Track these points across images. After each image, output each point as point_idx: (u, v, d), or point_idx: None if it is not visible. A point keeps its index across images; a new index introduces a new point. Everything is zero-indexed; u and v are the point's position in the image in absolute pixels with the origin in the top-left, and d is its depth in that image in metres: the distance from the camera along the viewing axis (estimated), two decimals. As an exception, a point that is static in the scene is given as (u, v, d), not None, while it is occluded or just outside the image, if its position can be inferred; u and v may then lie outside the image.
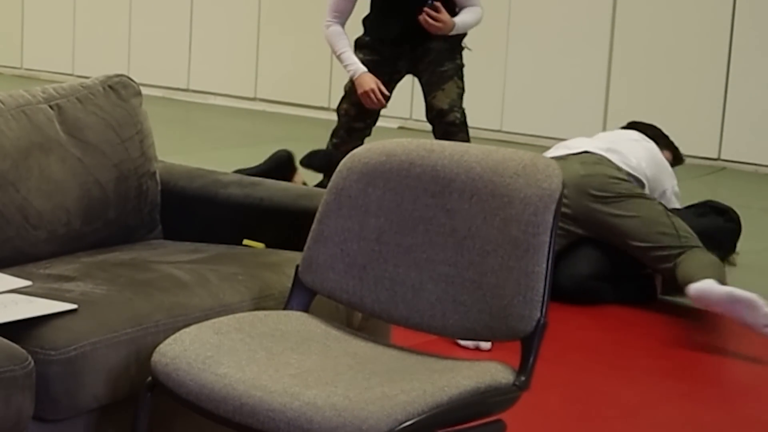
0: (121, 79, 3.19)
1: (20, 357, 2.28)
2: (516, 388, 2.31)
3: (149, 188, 3.15)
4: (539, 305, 2.33)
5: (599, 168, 4.49)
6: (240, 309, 2.64)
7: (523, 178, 2.40)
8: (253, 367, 2.25)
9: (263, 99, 9.33)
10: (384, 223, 2.54)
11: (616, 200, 4.42)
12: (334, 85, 9.00)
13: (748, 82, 7.38)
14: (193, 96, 9.68)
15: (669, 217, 4.41)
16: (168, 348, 2.31)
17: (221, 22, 9.48)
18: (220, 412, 2.19)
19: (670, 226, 4.36)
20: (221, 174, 3.31)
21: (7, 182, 2.83)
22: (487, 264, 2.40)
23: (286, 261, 2.86)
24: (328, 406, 2.11)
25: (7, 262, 2.79)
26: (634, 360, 3.97)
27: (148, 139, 3.17)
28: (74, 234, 2.97)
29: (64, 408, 2.38)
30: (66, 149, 2.98)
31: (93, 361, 2.39)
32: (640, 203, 4.43)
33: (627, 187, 4.47)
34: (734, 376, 3.90)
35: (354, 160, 2.60)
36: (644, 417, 3.49)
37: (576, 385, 3.74)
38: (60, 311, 2.42)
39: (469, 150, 2.53)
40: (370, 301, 2.55)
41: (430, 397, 2.15)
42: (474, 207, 2.45)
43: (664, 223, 4.37)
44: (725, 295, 3.89)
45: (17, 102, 2.95)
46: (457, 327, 2.45)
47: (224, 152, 7.43)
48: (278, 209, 3.14)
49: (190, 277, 2.72)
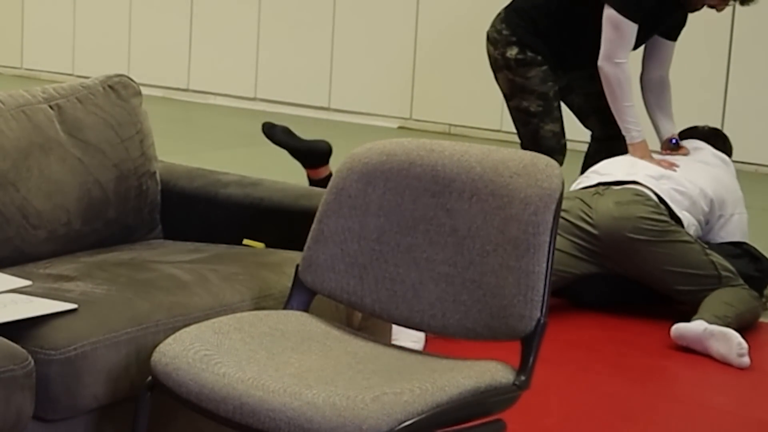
0: (121, 79, 3.19)
1: (20, 357, 2.28)
2: (516, 388, 2.31)
3: (149, 188, 3.15)
4: (539, 305, 2.33)
5: (633, 209, 4.26)
6: (240, 309, 2.64)
7: (523, 177, 2.40)
8: (253, 366, 2.25)
9: (263, 99, 9.34)
10: (384, 222, 2.54)
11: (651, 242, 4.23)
12: (334, 85, 9.01)
13: (748, 82, 7.39)
14: (193, 96, 9.68)
15: (708, 255, 4.26)
16: (168, 348, 2.31)
17: (221, 22, 9.48)
18: (220, 411, 2.19)
19: (710, 266, 4.23)
20: (221, 174, 3.31)
21: (7, 182, 2.83)
22: (487, 264, 2.40)
23: (286, 261, 2.87)
24: (328, 406, 2.11)
25: (7, 261, 2.79)
26: (634, 360, 3.96)
27: (148, 139, 3.17)
28: (74, 234, 2.97)
29: (64, 408, 2.38)
30: (66, 149, 2.98)
31: (93, 361, 2.39)
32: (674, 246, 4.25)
33: (663, 228, 4.25)
34: (734, 376, 3.89)
35: (354, 160, 2.60)
36: (644, 417, 3.49)
37: (576, 385, 3.74)
38: (60, 311, 2.42)
39: (469, 150, 2.53)
40: (370, 300, 2.55)
41: (430, 396, 2.16)
42: (474, 207, 2.45)
43: (701, 263, 4.23)
44: (700, 333, 3.96)
45: (17, 102, 2.96)
46: (457, 327, 2.45)
47: (224, 152, 7.43)
48: (278, 209, 3.14)
49: (190, 277, 2.72)
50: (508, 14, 4.99)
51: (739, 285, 4.24)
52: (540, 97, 4.92)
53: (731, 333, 3.92)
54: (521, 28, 4.92)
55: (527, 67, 4.92)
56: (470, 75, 5.41)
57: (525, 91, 4.94)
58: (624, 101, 4.76)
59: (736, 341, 3.90)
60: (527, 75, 4.92)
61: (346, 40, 8.90)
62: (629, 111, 4.77)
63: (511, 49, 4.93)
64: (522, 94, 4.95)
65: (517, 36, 4.91)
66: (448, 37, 8.35)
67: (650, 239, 4.23)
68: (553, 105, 4.95)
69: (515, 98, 4.98)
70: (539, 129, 4.94)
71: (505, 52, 4.94)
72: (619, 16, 4.70)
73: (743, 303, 4.19)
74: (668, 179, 4.49)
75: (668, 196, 4.43)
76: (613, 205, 4.30)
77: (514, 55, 4.92)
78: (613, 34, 4.72)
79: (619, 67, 4.73)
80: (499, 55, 4.96)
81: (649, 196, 4.36)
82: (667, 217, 4.32)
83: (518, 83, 4.94)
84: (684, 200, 4.46)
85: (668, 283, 4.26)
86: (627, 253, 4.26)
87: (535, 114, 4.94)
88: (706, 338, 3.94)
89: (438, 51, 8.45)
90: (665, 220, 4.29)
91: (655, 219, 4.27)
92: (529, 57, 4.90)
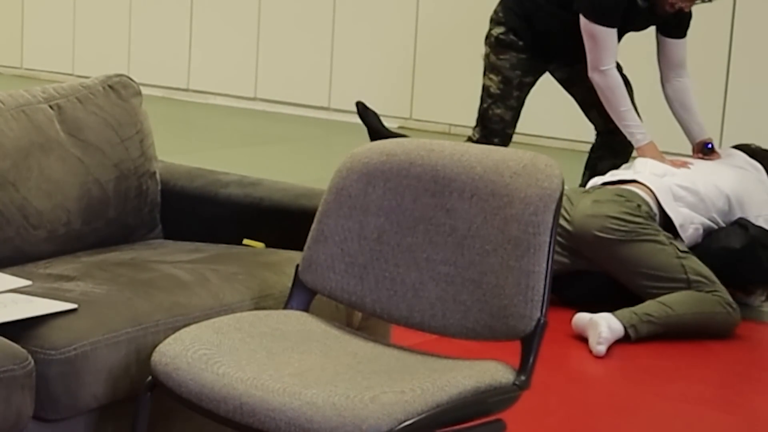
0: (121, 79, 3.19)
1: (20, 357, 2.28)
2: (516, 388, 2.31)
3: (149, 188, 3.16)
4: (539, 305, 2.33)
5: (605, 208, 4.26)
6: (240, 309, 2.65)
7: (524, 177, 2.40)
8: (253, 366, 2.25)
9: (263, 99, 9.33)
10: (384, 222, 2.54)
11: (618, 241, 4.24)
12: (334, 85, 9.00)
13: (748, 82, 7.38)
14: (193, 96, 9.68)
15: (680, 258, 4.23)
16: (168, 347, 2.31)
17: (221, 22, 9.48)
18: (220, 411, 2.19)
19: (679, 269, 4.20)
20: (221, 174, 3.31)
21: (7, 182, 2.83)
22: (487, 264, 2.40)
23: (286, 261, 2.87)
24: (328, 406, 2.11)
25: (7, 261, 2.79)
26: (635, 360, 3.96)
27: (148, 139, 3.17)
28: (74, 234, 2.97)
29: (64, 408, 2.38)
30: (66, 149, 2.98)
31: (93, 361, 2.39)
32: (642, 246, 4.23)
33: (632, 228, 4.23)
34: (735, 376, 3.90)
35: (354, 159, 2.60)
36: (644, 417, 3.49)
37: (576, 385, 3.75)
38: (60, 311, 2.42)
39: (469, 150, 2.53)
40: (370, 300, 2.55)
41: (430, 396, 2.16)
42: (474, 207, 2.45)
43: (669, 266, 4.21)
44: (587, 322, 4.04)
45: (17, 102, 2.96)
46: (457, 327, 2.45)
47: (224, 152, 7.43)
48: (278, 209, 3.14)
49: (190, 277, 2.72)
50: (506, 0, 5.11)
51: (710, 291, 4.18)
52: (503, 81, 5.02)
53: (598, 322, 3.99)
54: (512, 12, 5.02)
55: (504, 49, 5.01)
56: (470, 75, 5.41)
57: (493, 71, 5.05)
58: (620, 106, 4.75)
59: (597, 330, 3.97)
60: (501, 56, 5.03)
61: (346, 40, 8.90)
62: (627, 115, 4.76)
63: (498, 28, 5.05)
64: (490, 73, 5.07)
65: (507, 18, 5.02)
66: (448, 37, 8.35)
67: (617, 239, 4.23)
68: (512, 93, 5.03)
69: (485, 76, 5.10)
70: (489, 109, 5.04)
71: (491, 29, 5.07)
72: (592, 25, 4.72)
73: (693, 307, 4.14)
74: (673, 175, 4.48)
75: (667, 191, 4.41)
76: (590, 204, 4.33)
77: (497, 34, 5.04)
78: (591, 43, 4.76)
79: (607, 74, 4.75)
80: (486, 33, 5.09)
81: (632, 196, 4.34)
82: (643, 218, 4.27)
83: (491, 61, 5.06)
84: (688, 196, 4.44)
85: (636, 283, 4.26)
86: (596, 252, 4.29)
87: (492, 95, 5.04)
88: (588, 327, 4.03)
89: (438, 51, 8.45)
90: (637, 221, 4.26)
91: (625, 219, 4.25)
92: (510, 39, 5.00)
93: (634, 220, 4.26)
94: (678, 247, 4.27)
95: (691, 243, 4.41)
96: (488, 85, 5.05)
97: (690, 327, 4.12)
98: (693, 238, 4.43)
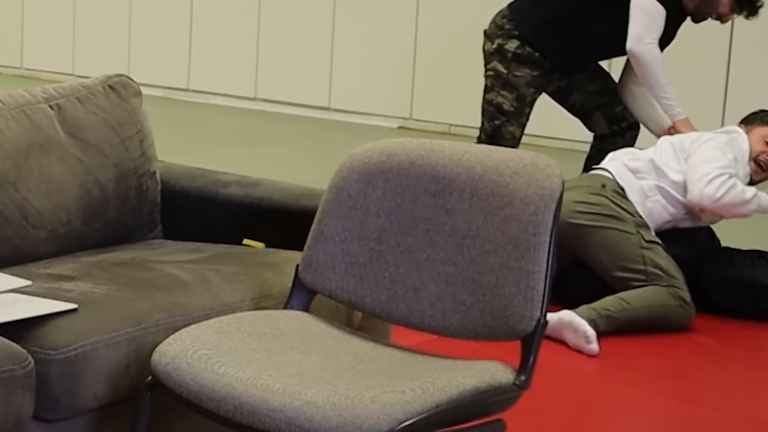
0: (121, 79, 3.19)
1: (20, 357, 2.28)
2: (516, 388, 2.31)
3: (149, 188, 3.16)
4: (539, 305, 2.33)
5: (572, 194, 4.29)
6: (240, 309, 2.65)
7: (523, 177, 2.40)
8: (253, 366, 2.25)
9: (263, 99, 9.34)
10: (384, 222, 2.54)
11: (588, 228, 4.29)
12: (334, 85, 9.01)
13: (748, 82, 7.38)
14: (193, 96, 9.68)
15: (643, 248, 4.26)
16: (168, 347, 2.31)
17: (221, 22, 9.48)
18: (220, 411, 2.19)
19: (639, 259, 4.25)
20: (221, 174, 3.31)
21: (7, 182, 2.83)
22: (487, 264, 2.41)
23: (286, 261, 2.87)
24: (328, 406, 2.11)
25: (7, 261, 2.79)
26: (635, 360, 3.97)
27: (148, 139, 3.17)
28: (74, 234, 2.97)
29: (64, 408, 2.38)
30: (66, 149, 2.98)
31: (93, 360, 2.39)
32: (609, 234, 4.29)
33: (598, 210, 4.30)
34: (735, 376, 3.90)
35: (354, 159, 2.60)
36: (644, 417, 3.49)
37: (576, 385, 3.75)
38: (60, 311, 2.42)
39: (469, 150, 2.53)
40: (370, 300, 2.55)
41: (430, 396, 2.16)
42: (474, 207, 2.45)
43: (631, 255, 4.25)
44: (556, 322, 4.02)
45: (17, 102, 2.96)
46: (457, 327, 2.45)
47: (224, 152, 7.43)
48: (278, 209, 3.14)
49: (190, 277, 2.72)
50: (512, 10, 5.01)
51: (665, 285, 4.21)
52: (517, 98, 4.97)
53: (579, 322, 3.99)
54: (525, 23, 4.94)
55: (521, 65, 4.95)
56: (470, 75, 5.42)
57: (506, 87, 4.98)
58: (661, 80, 4.79)
59: (581, 330, 3.98)
60: (517, 72, 4.96)
61: (346, 40, 8.90)
62: (667, 88, 4.80)
63: (511, 42, 4.95)
64: (502, 89, 4.99)
65: (520, 30, 4.93)
66: (448, 37, 8.35)
67: (586, 224, 4.29)
68: (524, 110, 5.01)
69: (493, 91, 5.02)
70: (502, 127, 4.99)
71: (504, 44, 4.97)
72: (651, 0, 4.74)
73: (648, 301, 4.17)
74: (625, 154, 4.53)
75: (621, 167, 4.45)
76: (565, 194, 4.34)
77: (513, 48, 4.95)
78: (641, 15, 4.76)
79: (651, 46, 4.76)
80: (496, 47, 4.98)
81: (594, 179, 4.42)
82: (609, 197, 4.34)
83: (504, 76, 4.98)
84: (638, 164, 4.46)
85: (607, 274, 4.30)
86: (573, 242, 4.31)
87: (505, 112, 4.99)
88: (560, 328, 4.02)
89: (438, 51, 8.45)
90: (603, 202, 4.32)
91: (590, 202, 4.32)
92: (527, 52, 4.93)
93: (599, 201, 4.33)
94: (644, 237, 4.32)
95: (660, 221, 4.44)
96: (500, 102, 4.97)
97: (645, 321, 4.17)
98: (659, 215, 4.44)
